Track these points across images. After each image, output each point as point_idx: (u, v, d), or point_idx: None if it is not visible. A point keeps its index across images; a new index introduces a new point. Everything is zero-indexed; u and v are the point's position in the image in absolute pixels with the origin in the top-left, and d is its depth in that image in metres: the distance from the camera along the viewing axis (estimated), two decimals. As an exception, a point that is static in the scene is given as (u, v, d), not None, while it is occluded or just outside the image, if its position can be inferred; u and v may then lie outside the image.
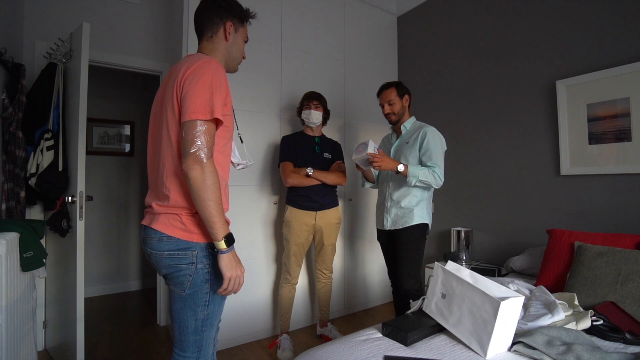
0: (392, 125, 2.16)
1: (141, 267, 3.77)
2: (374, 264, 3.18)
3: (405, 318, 1.41)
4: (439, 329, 1.36)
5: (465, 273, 1.40)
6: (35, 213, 2.30)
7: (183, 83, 1.02)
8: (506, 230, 2.57)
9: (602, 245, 1.71)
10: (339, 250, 2.88)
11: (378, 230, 2.21)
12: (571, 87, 2.19)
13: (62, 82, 2.12)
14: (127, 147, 3.78)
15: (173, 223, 1.05)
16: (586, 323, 1.33)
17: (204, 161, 0.96)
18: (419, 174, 1.86)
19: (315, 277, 2.54)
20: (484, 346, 1.16)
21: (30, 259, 1.67)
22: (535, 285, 1.79)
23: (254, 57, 2.51)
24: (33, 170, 1.97)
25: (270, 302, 2.59)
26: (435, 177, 1.88)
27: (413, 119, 2.13)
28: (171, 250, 1.05)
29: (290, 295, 2.39)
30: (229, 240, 1.01)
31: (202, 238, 1.05)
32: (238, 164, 1.35)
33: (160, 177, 1.09)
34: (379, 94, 2.13)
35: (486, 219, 2.70)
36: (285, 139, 2.39)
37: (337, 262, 2.85)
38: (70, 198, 1.92)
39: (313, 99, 2.35)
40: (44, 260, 1.79)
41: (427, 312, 1.41)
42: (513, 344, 1.22)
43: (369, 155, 1.86)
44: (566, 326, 1.29)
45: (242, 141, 1.46)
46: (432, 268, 2.64)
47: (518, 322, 1.30)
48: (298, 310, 2.66)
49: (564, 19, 2.25)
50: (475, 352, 1.19)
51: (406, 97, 2.09)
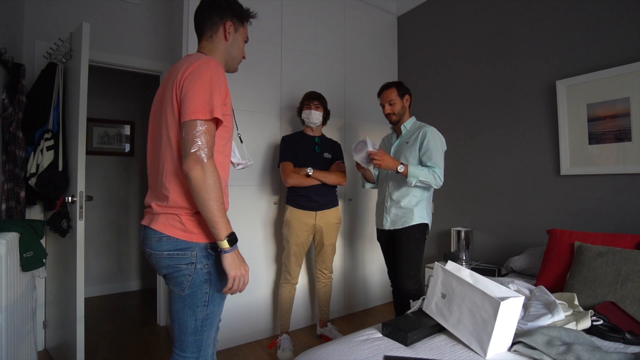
0: (393, 125, 2.16)
1: (141, 267, 3.77)
2: (374, 264, 3.18)
3: (405, 318, 1.41)
4: (439, 329, 1.36)
5: (465, 273, 1.40)
6: (35, 213, 2.30)
7: (182, 83, 1.01)
8: (506, 230, 2.57)
9: (602, 245, 1.70)
10: (339, 250, 2.88)
11: (378, 230, 2.21)
12: (571, 87, 2.19)
13: (62, 82, 2.12)
14: (127, 147, 3.78)
15: (172, 223, 1.05)
16: (586, 323, 1.33)
17: (205, 161, 0.96)
18: (420, 174, 1.86)
19: (315, 277, 2.54)
20: (484, 346, 1.16)
21: (30, 259, 1.67)
22: (535, 285, 1.79)
23: (254, 57, 2.51)
24: (33, 170, 1.97)
25: (270, 302, 2.59)
26: (435, 177, 1.88)
27: (413, 119, 2.13)
28: (170, 250, 1.05)
29: (290, 295, 2.39)
30: (232, 239, 1.01)
31: (201, 238, 1.05)
32: (238, 164, 1.35)
33: (159, 178, 1.09)
34: (380, 94, 2.13)
35: (486, 219, 2.70)
36: (285, 139, 2.39)
37: (337, 262, 2.85)
38: (70, 198, 1.92)
39: (313, 99, 2.35)
40: (44, 260, 1.79)
41: (427, 312, 1.41)
42: (513, 344, 1.22)
43: (369, 153, 1.86)
44: (566, 326, 1.29)
45: (241, 141, 1.46)
46: (432, 268, 2.64)
47: (518, 322, 1.30)
48: (298, 310, 2.66)
49: (564, 19, 2.25)
50: (475, 352, 1.19)
51: (407, 97, 2.09)
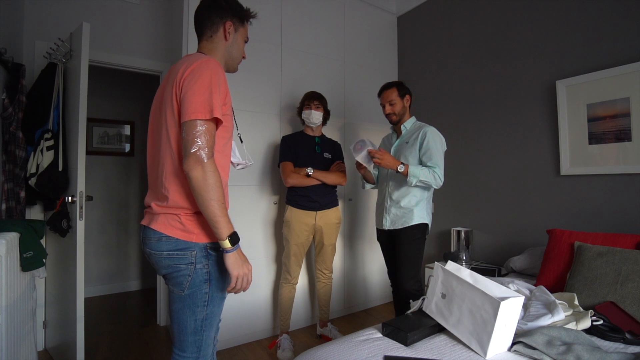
0: (393, 125, 2.16)
1: (141, 267, 3.77)
2: (374, 264, 3.18)
3: (405, 318, 1.41)
4: (439, 329, 1.36)
5: (465, 273, 1.40)
6: (35, 213, 2.30)
7: (182, 83, 1.01)
8: (506, 230, 2.57)
9: (602, 245, 1.70)
10: (339, 250, 2.88)
11: (378, 230, 2.21)
12: (571, 87, 2.18)
13: (62, 82, 2.12)
14: (127, 147, 3.78)
15: (172, 223, 1.05)
16: (586, 323, 1.33)
17: (205, 161, 0.96)
18: (420, 174, 1.86)
19: (315, 277, 2.54)
20: (484, 346, 1.16)
21: (30, 259, 1.67)
22: (535, 285, 1.79)
23: (254, 57, 2.51)
24: (33, 170, 1.97)
25: (270, 302, 2.59)
26: (435, 177, 1.88)
27: (413, 119, 2.13)
28: (170, 250, 1.05)
29: (290, 295, 2.39)
30: (234, 239, 1.01)
31: (201, 238, 1.05)
32: (238, 164, 1.35)
33: (159, 178, 1.09)
34: (380, 94, 2.12)
35: (486, 219, 2.70)
36: (285, 139, 2.39)
37: (337, 262, 2.84)
38: (70, 198, 1.92)
39: (314, 99, 2.34)
40: (44, 260, 1.79)
41: (427, 312, 1.41)
42: (513, 344, 1.22)
43: (368, 153, 1.86)
44: (566, 326, 1.29)
45: (241, 141, 1.46)
46: (432, 268, 2.64)
47: (518, 322, 1.30)
48: (298, 310, 2.66)
49: (564, 19, 2.25)
50: (475, 352, 1.19)
51: (407, 97, 2.09)
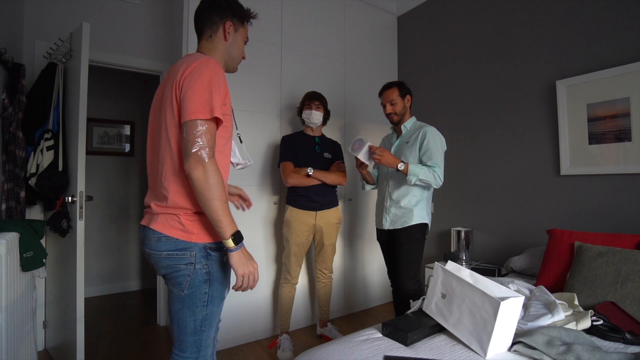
0: (393, 125, 2.16)
1: (141, 267, 3.77)
2: (374, 264, 3.18)
3: (405, 318, 1.41)
4: (439, 329, 1.36)
5: (465, 273, 1.40)
6: (35, 213, 2.30)
7: (182, 83, 1.01)
8: (506, 230, 2.57)
9: (602, 245, 1.70)
10: (339, 250, 2.88)
11: (377, 230, 2.21)
12: (571, 87, 2.18)
13: (62, 82, 2.12)
14: (127, 147, 3.78)
15: (171, 223, 1.05)
16: (586, 323, 1.33)
17: (206, 160, 0.96)
18: (420, 172, 1.86)
19: (315, 277, 2.54)
20: (484, 346, 1.16)
21: (30, 259, 1.67)
22: (535, 285, 1.79)
23: (254, 57, 2.51)
24: (33, 170, 1.97)
25: (270, 302, 2.58)
26: (435, 176, 1.88)
27: (413, 118, 2.13)
28: (169, 250, 1.05)
29: (290, 295, 2.39)
30: (237, 237, 1.01)
31: (200, 238, 1.05)
32: (238, 164, 1.36)
33: (159, 178, 1.09)
34: (381, 94, 2.12)
35: (486, 219, 2.70)
36: (285, 139, 2.39)
37: (337, 262, 2.84)
38: (70, 198, 1.92)
39: (314, 99, 2.34)
40: (44, 260, 1.79)
41: (427, 312, 1.41)
42: (513, 344, 1.22)
43: (369, 149, 1.87)
44: (566, 326, 1.29)
45: (241, 141, 1.46)
46: (432, 268, 2.64)
47: (518, 322, 1.30)
48: (298, 310, 2.66)
49: (564, 19, 2.25)
50: (475, 352, 1.19)
51: (408, 97, 2.09)
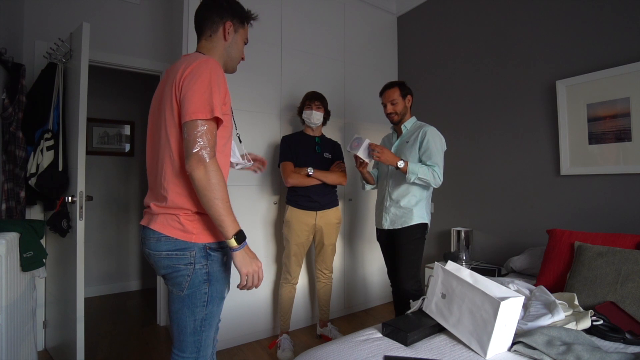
0: (394, 125, 2.16)
1: (141, 267, 3.77)
2: (374, 264, 3.18)
3: (405, 318, 1.41)
4: (439, 329, 1.36)
5: (465, 273, 1.40)
6: (35, 213, 2.30)
7: (182, 83, 1.01)
8: (506, 230, 2.57)
9: (602, 245, 1.70)
10: (339, 250, 2.88)
11: (377, 229, 2.21)
12: (571, 87, 2.18)
13: (62, 82, 2.12)
14: (127, 147, 3.78)
15: (171, 223, 1.05)
16: (586, 323, 1.33)
17: (207, 160, 0.96)
18: (419, 171, 1.86)
19: (315, 277, 2.54)
20: (484, 346, 1.16)
21: (30, 259, 1.67)
22: (535, 285, 1.79)
23: (254, 57, 2.51)
24: (33, 170, 1.97)
25: (270, 302, 2.58)
26: (434, 176, 1.88)
27: (414, 118, 2.13)
28: (169, 250, 1.05)
29: (290, 295, 2.39)
30: (240, 237, 1.01)
31: (200, 238, 1.05)
32: (237, 164, 1.36)
33: (158, 178, 1.09)
34: (382, 93, 2.12)
35: (486, 219, 2.70)
36: (285, 139, 2.39)
37: (337, 262, 2.84)
38: (70, 198, 1.92)
39: (315, 99, 2.34)
40: (44, 260, 1.79)
41: (427, 312, 1.41)
42: (513, 344, 1.22)
43: (369, 146, 1.86)
44: (566, 326, 1.29)
45: (240, 141, 1.46)
46: (432, 268, 2.64)
47: (518, 322, 1.30)
48: (298, 310, 2.66)
49: (564, 19, 2.25)
50: (475, 352, 1.19)
51: (409, 97, 2.09)
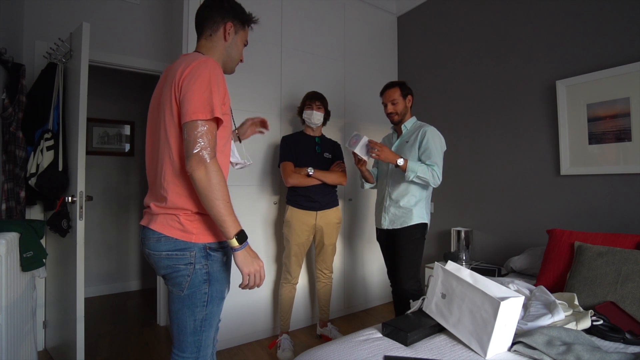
0: (394, 125, 2.16)
1: (141, 267, 3.77)
2: (374, 264, 3.18)
3: (405, 318, 1.41)
4: (439, 329, 1.36)
5: (465, 273, 1.40)
6: (35, 213, 2.30)
7: (181, 84, 1.01)
8: (506, 230, 2.57)
9: (602, 245, 1.70)
10: (338, 250, 2.88)
11: (377, 229, 2.21)
12: (571, 87, 2.18)
13: (62, 82, 2.12)
14: (127, 147, 3.78)
15: (171, 224, 1.05)
16: (586, 323, 1.33)
17: (208, 161, 0.96)
18: (418, 169, 1.86)
19: (316, 277, 2.54)
20: (484, 346, 1.16)
21: (30, 259, 1.67)
22: (535, 285, 1.79)
23: (254, 57, 2.50)
24: (33, 170, 1.97)
25: (270, 302, 2.58)
26: (434, 175, 1.88)
27: (414, 118, 2.13)
28: (169, 250, 1.05)
29: (290, 295, 2.39)
30: (241, 237, 1.01)
31: (200, 238, 1.05)
32: (237, 164, 1.36)
33: (158, 178, 1.09)
34: (382, 93, 2.12)
35: (486, 219, 2.70)
36: (285, 139, 2.39)
37: (337, 262, 2.84)
38: (70, 198, 1.92)
39: (316, 99, 2.34)
40: (44, 260, 1.79)
41: (427, 312, 1.41)
42: (513, 344, 1.22)
43: (367, 144, 1.86)
44: (566, 326, 1.29)
45: (240, 141, 1.46)
46: (432, 268, 2.64)
47: (518, 322, 1.30)
48: (298, 310, 2.66)
49: (564, 19, 2.25)
50: (475, 352, 1.19)
51: (409, 97, 2.09)
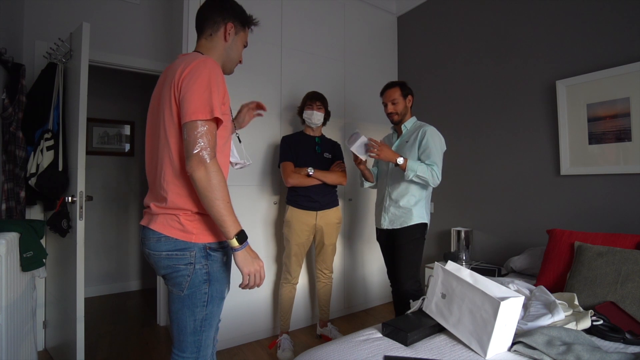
0: (394, 125, 2.16)
1: (141, 267, 3.77)
2: (374, 264, 3.18)
3: (405, 318, 1.41)
4: (439, 329, 1.36)
5: (465, 273, 1.40)
6: (35, 213, 2.30)
7: (181, 84, 1.01)
8: (506, 230, 2.57)
9: (602, 245, 1.70)
10: (338, 250, 2.88)
11: (377, 229, 2.21)
12: (571, 87, 2.18)
13: (62, 82, 2.12)
14: (127, 147, 3.78)
15: (171, 224, 1.05)
16: (586, 323, 1.33)
17: (208, 161, 0.96)
18: (418, 168, 1.86)
19: (316, 277, 2.54)
20: (484, 346, 1.16)
21: (30, 259, 1.67)
22: (535, 285, 1.79)
23: (254, 57, 2.50)
24: (33, 170, 1.97)
25: (270, 302, 2.58)
26: (433, 174, 1.88)
27: (414, 118, 2.13)
28: (169, 250, 1.05)
29: (290, 295, 2.39)
30: (241, 237, 1.02)
31: (200, 239, 1.05)
32: (236, 164, 1.36)
33: (158, 179, 1.09)
34: (383, 93, 2.12)
35: (486, 219, 2.70)
36: (285, 139, 2.39)
37: (337, 262, 2.84)
38: (70, 198, 1.92)
39: (316, 99, 2.34)
40: (44, 260, 1.79)
41: (427, 312, 1.41)
42: (513, 344, 1.22)
43: (366, 142, 1.86)
44: (566, 326, 1.29)
45: (240, 141, 1.46)
46: (432, 268, 2.64)
47: (518, 322, 1.30)
48: (298, 310, 2.66)
49: (564, 19, 2.25)
50: (475, 352, 1.19)
51: (409, 97, 2.09)
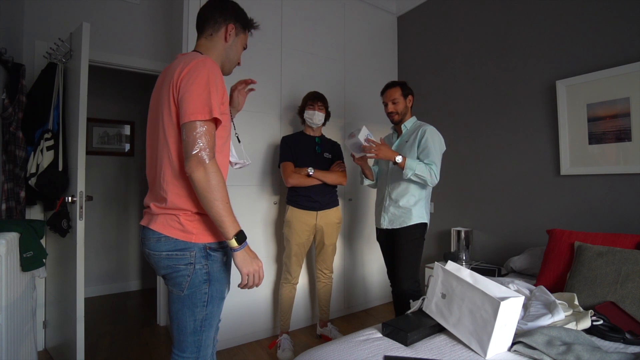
0: (394, 124, 2.16)
1: (141, 267, 3.77)
2: (374, 264, 3.18)
3: (405, 318, 1.41)
4: (439, 329, 1.36)
5: (465, 273, 1.40)
6: (35, 213, 2.30)
7: (179, 84, 1.01)
8: (506, 230, 2.57)
9: (602, 245, 1.70)
10: (338, 250, 2.88)
11: (377, 229, 2.21)
12: (571, 87, 2.18)
13: (62, 82, 2.12)
14: (127, 147, 3.78)
15: (171, 224, 1.05)
16: (586, 323, 1.33)
17: (207, 162, 0.96)
18: (417, 167, 1.86)
19: (316, 277, 2.54)
20: (484, 346, 1.16)
21: (30, 259, 1.67)
22: (535, 285, 1.79)
23: (254, 57, 2.50)
24: (33, 170, 1.97)
25: (270, 302, 2.58)
26: (431, 174, 1.88)
27: (414, 118, 2.13)
28: (169, 250, 1.05)
29: (290, 295, 2.39)
30: (240, 237, 1.02)
31: (200, 239, 1.05)
32: (236, 164, 1.36)
33: (157, 179, 1.09)
34: (383, 93, 2.12)
35: (486, 219, 2.70)
36: (285, 139, 2.39)
37: (337, 262, 2.84)
38: (70, 198, 1.92)
39: (317, 99, 2.34)
40: (44, 260, 1.79)
41: (427, 312, 1.41)
42: (513, 344, 1.22)
43: (362, 141, 1.85)
44: (566, 326, 1.29)
45: (239, 141, 1.46)
46: (432, 268, 2.64)
47: (518, 322, 1.30)
48: (298, 310, 2.66)
49: (564, 19, 2.25)
50: (475, 352, 1.19)
51: (410, 97, 2.09)
